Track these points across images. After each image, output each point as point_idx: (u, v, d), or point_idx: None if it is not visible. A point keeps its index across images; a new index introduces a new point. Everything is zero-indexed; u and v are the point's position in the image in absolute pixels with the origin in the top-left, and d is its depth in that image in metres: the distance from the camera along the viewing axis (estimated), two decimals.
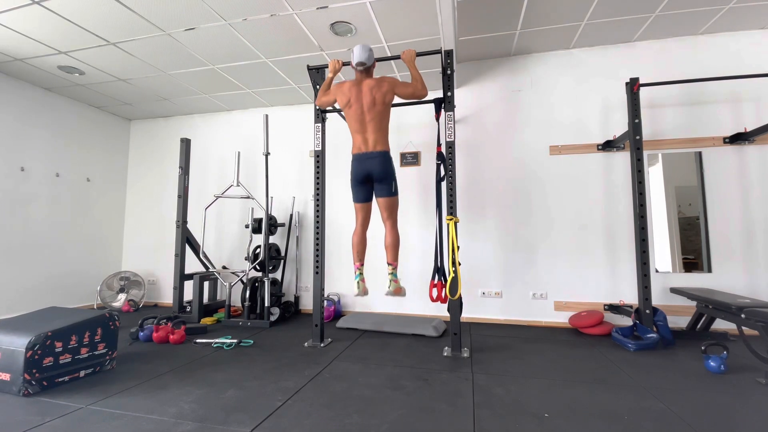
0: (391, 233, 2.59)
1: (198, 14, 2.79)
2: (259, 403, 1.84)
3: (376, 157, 2.50)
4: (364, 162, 2.52)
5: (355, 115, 2.54)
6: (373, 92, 2.51)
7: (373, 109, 2.51)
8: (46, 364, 1.99)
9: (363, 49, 2.53)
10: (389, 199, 2.56)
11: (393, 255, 2.58)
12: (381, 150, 2.52)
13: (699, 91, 3.33)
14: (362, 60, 2.52)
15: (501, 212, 3.67)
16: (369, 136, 2.52)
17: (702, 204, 3.26)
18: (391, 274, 2.56)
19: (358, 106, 2.53)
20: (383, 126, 2.55)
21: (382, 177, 2.51)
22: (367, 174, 2.53)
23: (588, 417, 1.70)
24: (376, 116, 2.51)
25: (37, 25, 2.88)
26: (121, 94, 4.23)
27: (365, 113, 2.52)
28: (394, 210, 2.59)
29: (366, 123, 2.52)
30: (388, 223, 2.60)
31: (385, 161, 2.52)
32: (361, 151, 2.54)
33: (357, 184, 2.60)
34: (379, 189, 2.56)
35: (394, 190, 2.57)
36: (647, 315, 2.82)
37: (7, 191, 3.73)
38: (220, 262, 4.52)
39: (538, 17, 3.09)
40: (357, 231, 2.66)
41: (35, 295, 3.92)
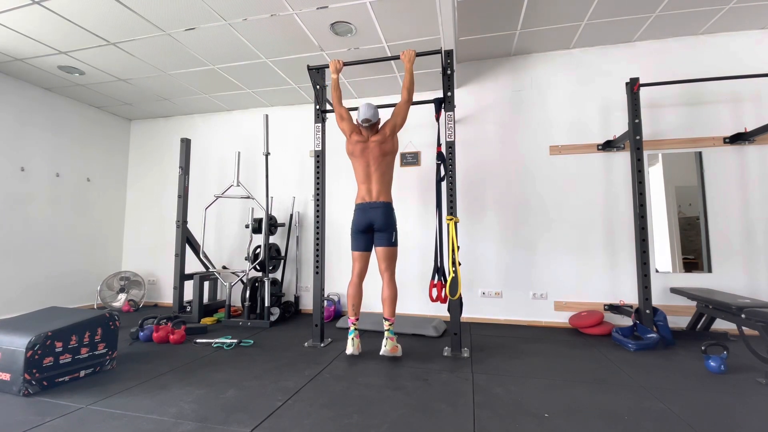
0: (389, 286, 2.56)
1: (198, 14, 2.79)
2: (259, 403, 1.84)
3: (379, 207, 2.55)
4: (366, 211, 2.57)
5: (361, 167, 2.62)
6: (380, 147, 2.58)
7: (377, 163, 2.59)
8: (46, 364, 1.99)
9: (368, 107, 2.58)
10: (388, 249, 2.56)
11: (390, 310, 2.53)
12: (384, 201, 2.57)
13: (699, 91, 3.33)
14: (368, 117, 2.55)
15: (501, 212, 3.67)
16: (373, 187, 2.59)
17: (702, 204, 3.26)
18: (388, 331, 2.49)
19: (364, 160, 2.61)
20: (387, 178, 2.62)
21: (384, 227, 2.54)
22: (368, 223, 2.57)
23: (588, 417, 1.70)
24: (380, 169, 2.59)
25: (37, 25, 2.88)
26: (121, 94, 4.23)
27: (371, 166, 2.60)
28: (392, 261, 2.59)
29: (371, 175, 2.60)
30: (386, 275, 2.57)
31: (388, 212, 2.56)
32: (365, 201, 2.59)
33: (358, 233, 2.62)
34: (379, 238, 2.57)
35: (393, 240, 2.58)
36: (647, 315, 2.82)
37: (7, 191, 3.73)
38: (220, 262, 4.52)
39: (538, 17, 3.09)
40: (353, 282, 2.64)
41: (35, 295, 3.92)
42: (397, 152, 2.68)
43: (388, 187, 2.63)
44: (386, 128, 2.61)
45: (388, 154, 2.60)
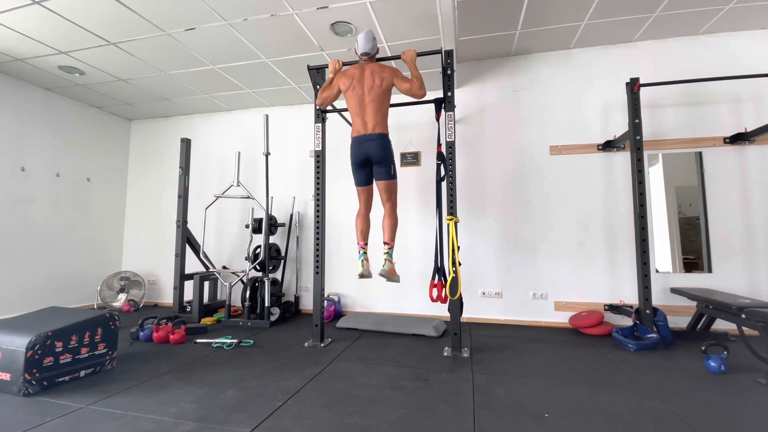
0: (390, 215, 2.62)
1: (198, 14, 2.79)
2: (259, 403, 1.84)
3: (375, 139, 2.52)
4: (362, 144, 2.54)
5: (355, 97, 2.57)
6: (374, 76, 2.56)
7: (372, 91, 2.54)
8: (46, 364, 1.99)
9: (367, 39, 2.56)
10: (388, 182, 2.59)
11: (390, 235, 2.59)
12: (380, 132, 2.54)
13: (699, 91, 3.33)
14: (367, 50, 2.58)
15: (501, 212, 3.67)
16: (368, 119, 2.54)
17: (702, 204, 3.26)
18: (387, 254, 2.55)
19: (359, 87, 2.56)
20: (383, 110, 2.57)
21: (381, 159, 2.54)
22: (365, 156, 2.55)
23: (588, 417, 1.70)
24: (376, 98, 2.54)
25: (38, 25, 2.88)
26: (121, 94, 4.23)
27: (365, 95, 2.55)
28: (393, 192, 2.62)
29: (365, 105, 2.55)
30: (387, 205, 2.63)
31: (384, 143, 2.54)
32: (360, 133, 2.56)
33: (357, 167, 2.62)
34: (378, 172, 2.58)
35: (392, 173, 2.58)
36: (647, 315, 2.82)
37: (7, 191, 3.73)
38: (220, 262, 4.52)
39: (538, 17, 3.09)
40: (360, 212, 2.69)
41: (35, 295, 3.92)
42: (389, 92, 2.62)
43: (384, 119, 2.59)
44: (388, 68, 2.58)
45: (384, 81, 2.55)
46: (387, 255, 2.56)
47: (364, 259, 2.58)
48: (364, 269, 2.55)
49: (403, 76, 2.60)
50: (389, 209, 2.63)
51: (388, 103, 2.62)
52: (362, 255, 2.59)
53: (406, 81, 2.56)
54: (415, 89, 2.53)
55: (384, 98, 2.58)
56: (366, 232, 2.66)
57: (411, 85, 2.53)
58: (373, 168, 2.60)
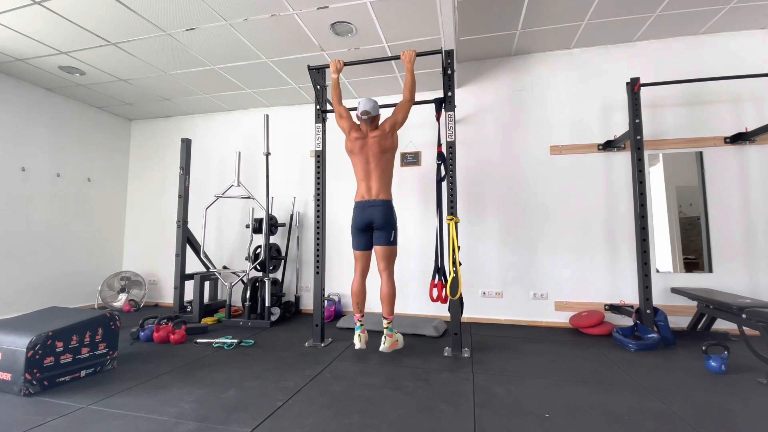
0: (387, 284, 2.56)
1: (198, 14, 2.79)
2: (259, 403, 1.84)
3: (379, 205, 2.54)
4: (366, 210, 2.56)
5: (360, 164, 2.61)
6: (379, 144, 2.57)
7: (376, 160, 2.57)
8: (47, 364, 1.99)
9: (368, 100, 2.57)
10: (387, 248, 2.56)
11: (389, 309, 2.55)
12: (383, 199, 2.56)
13: (700, 90, 3.33)
14: (367, 109, 2.55)
15: (501, 212, 3.67)
16: (372, 185, 2.57)
17: (703, 204, 3.26)
18: (387, 329, 2.51)
19: (363, 156, 2.59)
20: (386, 177, 2.61)
21: (383, 225, 2.53)
22: (368, 222, 2.56)
23: (589, 417, 1.70)
24: (379, 166, 2.58)
25: (38, 25, 2.88)
26: (121, 94, 4.24)
27: (370, 162, 2.58)
28: (391, 260, 2.58)
29: (370, 172, 2.58)
30: (384, 274, 2.57)
31: (387, 210, 2.55)
32: (364, 199, 2.58)
33: (358, 232, 2.62)
34: (378, 237, 2.56)
35: (392, 239, 2.56)
36: (648, 315, 2.82)
37: (8, 191, 3.73)
38: (220, 262, 4.52)
39: (538, 17, 3.09)
40: (356, 280, 2.66)
41: (36, 295, 3.93)
42: (396, 149, 2.67)
43: (388, 185, 2.62)
44: (386, 124, 2.60)
45: (387, 150, 2.59)
46: (387, 330, 2.52)
47: (360, 332, 2.55)
48: (361, 343, 2.53)
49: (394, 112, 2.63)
50: (386, 278, 2.57)
51: (392, 169, 2.65)
52: (359, 328, 2.57)
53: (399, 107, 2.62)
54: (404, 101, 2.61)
55: (388, 165, 2.62)
56: (362, 304, 2.64)
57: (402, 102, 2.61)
58: (373, 233, 2.59)
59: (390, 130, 2.59)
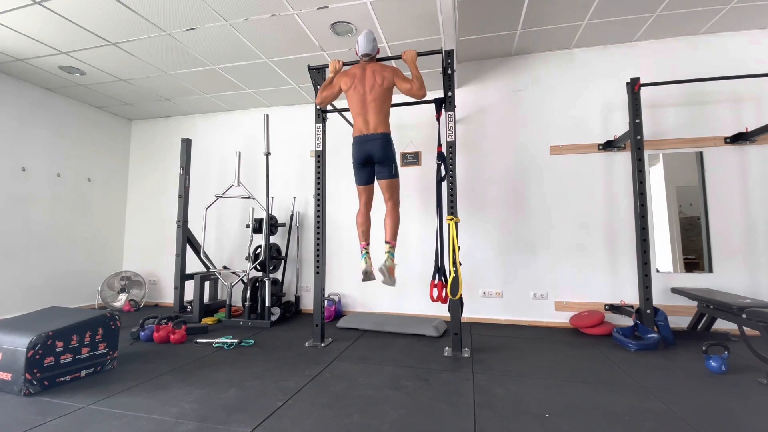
0: (392, 214, 2.61)
1: (199, 14, 2.79)
2: (259, 403, 1.84)
3: (377, 139, 2.52)
4: (364, 144, 2.54)
5: (357, 96, 2.57)
6: (376, 75, 2.56)
7: (374, 90, 2.54)
8: (47, 364, 1.99)
9: (367, 40, 2.57)
10: (390, 181, 2.59)
11: (392, 234, 2.58)
12: (382, 132, 2.54)
13: (700, 90, 3.33)
14: (368, 51, 2.57)
15: (502, 212, 3.66)
16: (370, 118, 2.55)
17: (703, 204, 3.26)
18: (388, 253, 2.54)
19: (361, 87, 2.56)
20: (384, 109, 2.57)
21: (383, 159, 2.54)
22: (367, 156, 2.56)
23: (589, 417, 1.70)
24: (378, 98, 2.54)
25: (38, 25, 2.89)
26: (121, 94, 4.24)
27: (367, 94, 2.55)
28: (395, 191, 2.62)
29: (367, 104, 2.55)
30: (389, 204, 2.63)
31: (386, 143, 2.54)
32: (362, 133, 2.56)
33: (358, 167, 2.62)
34: (380, 171, 2.58)
35: (394, 172, 2.59)
36: (648, 315, 2.82)
37: (8, 191, 3.74)
38: (220, 262, 4.52)
39: (538, 17, 3.09)
40: (361, 211, 2.69)
41: (36, 295, 3.93)
42: (390, 91, 2.62)
43: (386, 118, 2.59)
44: (389, 68, 2.58)
45: (385, 80, 2.55)
46: (389, 254, 2.56)
47: (366, 257, 2.58)
48: (368, 266, 2.55)
49: (404, 76, 2.60)
50: (391, 207, 2.63)
51: (389, 102, 2.62)
52: (364, 254, 2.60)
53: (407, 81, 2.57)
54: (416, 89, 2.53)
55: (386, 97, 2.58)
56: (367, 232, 2.66)
57: (411, 85, 2.54)
58: (375, 167, 2.60)
59: (390, 74, 2.56)
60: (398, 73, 2.59)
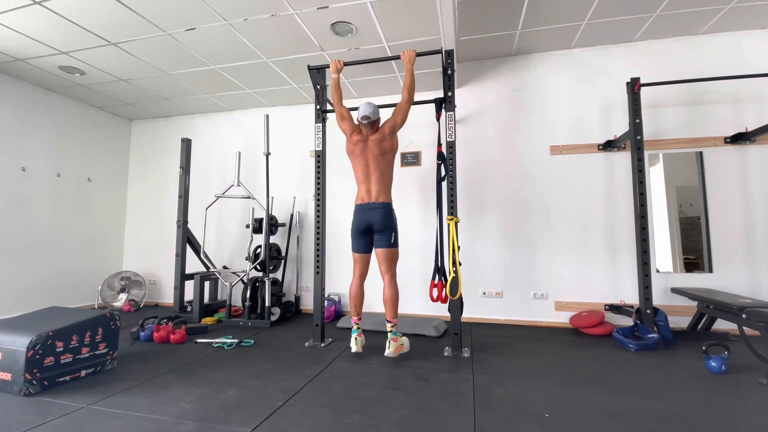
0: (390, 287, 2.54)
1: (199, 14, 2.79)
2: (259, 403, 1.84)
3: (378, 208, 2.53)
4: (365, 212, 2.55)
5: (360, 167, 2.60)
6: (379, 146, 2.57)
7: (376, 162, 2.57)
8: (47, 364, 1.99)
9: (368, 105, 2.58)
10: (388, 250, 2.54)
11: (392, 312, 2.52)
12: (383, 201, 2.55)
13: (700, 90, 3.33)
14: (367, 114, 2.55)
15: (502, 212, 3.66)
16: (372, 188, 2.57)
17: (703, 204, 3.26)
18: (391, 332, 2.49)
19: (363, 159, 2.59)
20: (385, 180, 2.60)
21: (383, 228, 2.52)
22: (368, 224, 2.55)
23: (589, 417, 1.70)
24: (378, 169, 2.57)
25: (38, 25, 2.88)
26: (122, 94, 4.24)
27: (370, 165, 2.58)
28: (393, 262, 2.57)
29: (370, 174, 2.58)
30: (386, 277, 2.56)
31: (387, 212, 2.54)
32: (364, 201, 2.58)
33: (357, 234, 2.61)
34: (379, 239, 2.55)
35: (393, 242, 2.55)
36: (648, 315, 2.82)
37: (8, 191, 3.73)
38: (220, 262, 4.52)
39: (538, 17, 3.09)
40: (354, 283, 2.64)
41: (36, 295, 3.93)
42: (396, 151, 2.67)
43: (388, 188, 2.61)
44: (386, 127, 2.60)
45: (387, 152, 2.58)
46: (391, 333, 2.49)
47: (357, 335, 2.54)
48: (357, 346, 2.53)
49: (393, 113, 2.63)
50: (388, 281, 2.56)
51: (391, 171, 2.64)
52: (356, 331, 2.56)
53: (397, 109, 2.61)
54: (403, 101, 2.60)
55: (388, 167, 2.61)
56: (360, 306, 2.61)
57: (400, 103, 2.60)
58: (374, 236, 2.59)
59: (390, 132, 2.59)
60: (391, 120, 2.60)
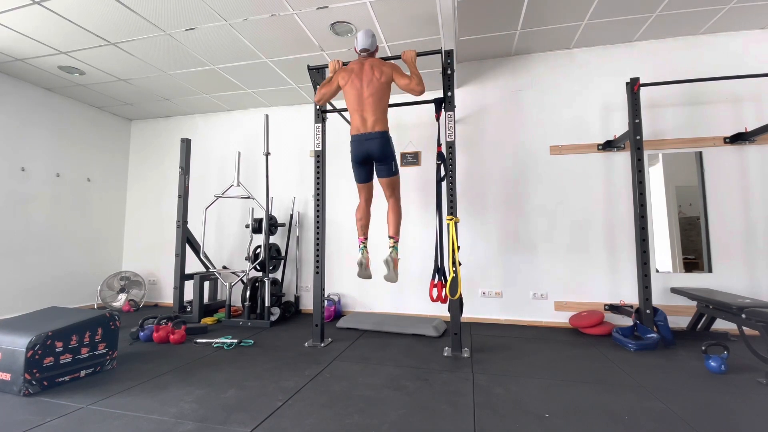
0: (394, 209, 2.62)
1: (198, 14, 2.79)
2: (259, 403, 1.84)
3: (375, 138, 2.48)
4: (363, 143, 2.51)
5: (354, 91, 2.52)
6: (374, 69, 2.53)
7: (371, 85, 2.49)
8: (46, 364, 1.99)
9: (366, 36, 2.57)
10: (390, 179, 2.59)
11: (395, 229, 2.59)
12: (380, 130, 2.50)
13: (699, 91, 3.33)
14: (366, 46, 2.56)
15: (501, 212, 3.66)
16: (367, 116, 2.50)
17: (702, 204, 3.26)
18: (392, 247, 2.55)
19: (358, 81, 2.53)
20: (382, 105, 2.52)
21: (382, 158, 2.52)
22: (366, 155, 2.54)
23: (588, 417, 1.70)
24: (375, 93, 2.49)
25: (38, 25, 2.88)
26: (121, 94, 4.23)
27: (364, 89, 2.50)
28: (396, 188, 2.63)
29: (364, 100, 2.50)
30: (390, 201, 2.64)
31: (384, 142, 2.51)
32: (360, 131, 2.52)
33: (357, 165, 2.61)
34: (380, 169, 2.58)
35: (394, 170, 2.59)
36: (648, 315, 2.82)
37: (7, 191, 3.73)
38: (220, 262, 4.52)
39: (538, 17, 3.09)
40: (360, 206, 2.70)
41: (36, 295, 3.92)
42: (389, 87, 2.58)
43: (384, 115, 2.55)
44: (388, 63, 2.56)
45: (383, 74, 2.51)
46: (393, 248, 2.57)
47: (364, 250, 2.58)
48: (363, 258, 2.54)
49: (403, 72, 2.58)
50: (393, 204, 2.64)
51: (387, 98, 2.57)
52: (362, 248, 2.60)
53: (405, 77, 2.53)
54: (414, 85, 2.49)
55: (383, 92, 2.52)
56: (366, 226, 2.66)
57: (410, 81, 2.50)
58: (374, 165, 2.60)
59: (387, 69, 2.53)
60: (397, 69, 2.57)
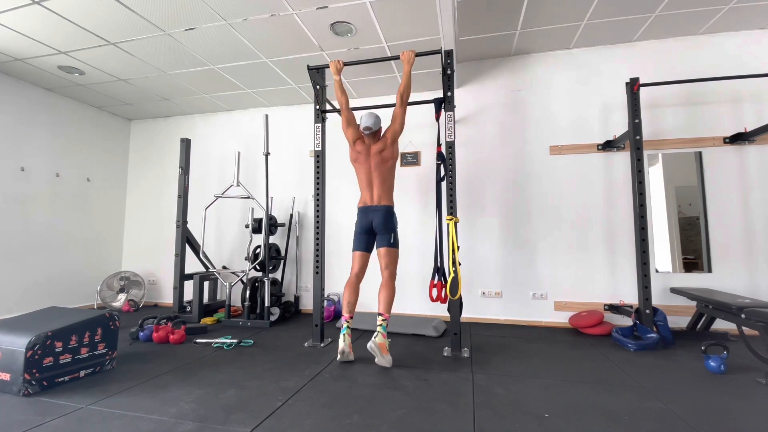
0: (388, 284, 2.53)
1: (198, 14, 2.79)
2: (259, 403, 1.84)
3: (379, 210, 2.62)
4: (368, 214, 2.65)
5: (363, 174, 2.70)
6: (382, 154, 2.65)
7: (378, 169, 2.66)
8: (46, 364, 1.99)
9: (370, 115, 2.65)
10: (389, 249, 2.61)
11: (386, 306, 2.44)
12: (384, 204, 2.64)
13: (699, 91, 3.33)
14: (369, 125, 2.62)
15: (501, 212, 3.67)
16: (375, 193, 2.66)
17: (702, 204, 3.26)
18: (380, 326, 2.37)
19: (366, 166, 2.69)
20: (388, 184, 2.69)
21: (383, 228, 2.61)
22: (370, 225, 2.64)
23: (588, 417, 1.70)
24: (380, 175, 2.66)
25: (38, 25, 2.88)
26: (121, 94, 4.23)
27: (372, 173, 2.67)
28: (393, 260, 2.61)
29: (373, 181, 2.67)
30: (385, 273, 2.58)
31: (387, 214, 2.62)
32: (367, 204, 2.67)
33: (359, 234, 2.69)
34: (380, 239, 2.63)
35: (393, 241, 2.62)
36: (647, 315, 2.82)
37: (7, 191, 3.73)
38: (220, 262, 4.52)
39: (538, 17, 3.09)
40: (351, 281, 2.63)
41: (35, 295, 3.92)
42: (397, 158, 2.74)
43: (390, 192, 2.70)
44: (387, 136, 2.66)
45: (388, 160, 2.67)
46: (380, 327, 2.36)
47: (346, 333, 2.42)
48: (345, 345, 2.37)
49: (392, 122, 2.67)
50: (387, 277, 2.55)
51: (393, 177, 2.72)
52: (345, 329, 2.43)
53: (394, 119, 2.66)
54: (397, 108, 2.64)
55: (390, 173, 2.69)
56: (353, 305, 2.55)
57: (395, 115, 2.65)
58: (376, 236, 2.66)
59: (392, 140, 2.66)
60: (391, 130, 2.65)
